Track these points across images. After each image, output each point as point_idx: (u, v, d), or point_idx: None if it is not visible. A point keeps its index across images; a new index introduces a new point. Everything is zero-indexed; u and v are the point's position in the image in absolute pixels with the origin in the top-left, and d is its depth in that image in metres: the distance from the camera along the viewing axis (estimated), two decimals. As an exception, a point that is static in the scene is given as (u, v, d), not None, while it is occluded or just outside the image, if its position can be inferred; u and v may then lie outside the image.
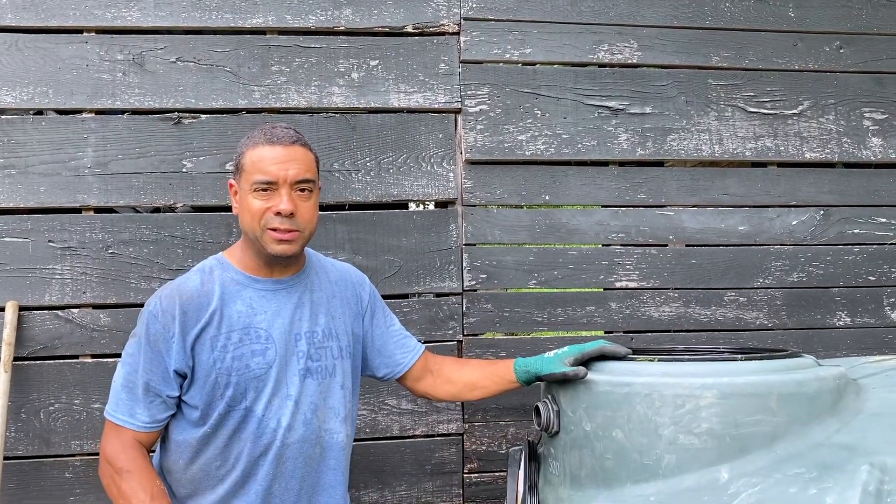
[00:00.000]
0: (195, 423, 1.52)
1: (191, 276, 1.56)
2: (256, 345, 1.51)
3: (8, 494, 2.08)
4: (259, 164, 1.49)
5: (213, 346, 1.49)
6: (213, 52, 2.23)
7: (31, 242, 2.13)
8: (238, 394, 1.49)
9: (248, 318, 1.52)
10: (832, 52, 2.52)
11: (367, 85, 2.29)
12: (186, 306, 1.49)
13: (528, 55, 2.36)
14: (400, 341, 1.76)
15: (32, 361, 2.12)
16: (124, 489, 1.43)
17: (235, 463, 1.52)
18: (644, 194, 2.41)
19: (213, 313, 1.50)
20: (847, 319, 2.47)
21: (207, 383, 1.49)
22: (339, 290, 1.69)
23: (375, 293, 1.79)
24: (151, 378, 1.48)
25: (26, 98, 2.15)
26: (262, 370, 1.51)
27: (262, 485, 1.52)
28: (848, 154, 2.49)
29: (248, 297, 1.54)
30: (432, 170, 2.31)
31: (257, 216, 1.49)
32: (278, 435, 1.52)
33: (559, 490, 1.48)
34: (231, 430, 1.51)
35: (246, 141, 1.55)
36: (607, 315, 2.37)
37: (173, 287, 1.54)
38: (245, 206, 1.51)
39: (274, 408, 1.52)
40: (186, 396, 1.51)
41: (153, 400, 1.48)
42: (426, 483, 2.27)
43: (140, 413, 1.48)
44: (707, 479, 1.26)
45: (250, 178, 1.50)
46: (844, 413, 1.34)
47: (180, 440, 1.54)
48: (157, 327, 1.49)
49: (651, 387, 1.32)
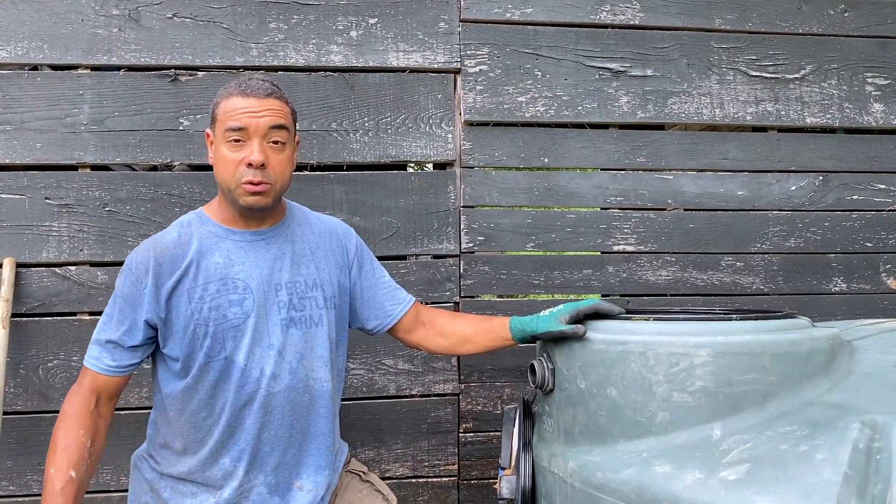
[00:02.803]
0: (178, 375, 1.54)
1: (169, 231, 1.58)
2: (234, 295, 1.52)
3: (7, 449, 2.10)
4: (232, 113, 1.49)
5: (191, 298, 1.51)
6: (210, 8, 2.20)
7: (28, 199, 2.12)
8: (216, 343, 1.51)
9: (226, 270, 1.53)
10: (837, 15, 2.49)
11: (365, 43, 2.27)
12: (161, 258, 1.51)
13: (528, 15, 2.33)
14: (389, 293, 1.77)
15: (31, 318, 2.13)
16: (54, 433, 1.49)
17: (221, 413, 1.53)
18: (644, 158, 2.40)
19: (188, 265, 1.52)
20: (843, 285, 2.48)
21: (186, 334, 1.51)
22: (324, 242, 1.69)
23: (363, 245, 1.78)
24: (119, 327, 1.51)
25: (21, 53, 2.12)
26: (239, 320, 1.52)
27: (250, 434, 1.54)
28: (849, 119, 2.48)
29: (226, 249, 1.55)
30: (431, 131, 2.29)
31: (231, 168, 1.49)
32: (262, 384, 1.53)
33: (553, 446, 1.49)
34: (213, 381, 1.53)
35: (222, 91, 1.55)
36: (604, 278, 2.38)
37: (150, 241, 1.56)
38: (219, 157, 1.52)
39: (256, 357, 1.53)
40: (167, 349, 1.53)
41: (115, 347, 1.52)
42: (422, 442, 2.30)
43: (105, 357, 1.52)
44: (700, 436, 1.28)
45: (223, 127, 1.50)
46: (837, 373, 1.35)
47: (168, 393, 1.56)
48: (130, 279, 1.52)
49: (646, 345, 1.33)
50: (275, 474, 1.57)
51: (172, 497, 1.56)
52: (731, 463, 1.18)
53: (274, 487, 1.58)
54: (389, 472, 2.29)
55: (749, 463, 1.16)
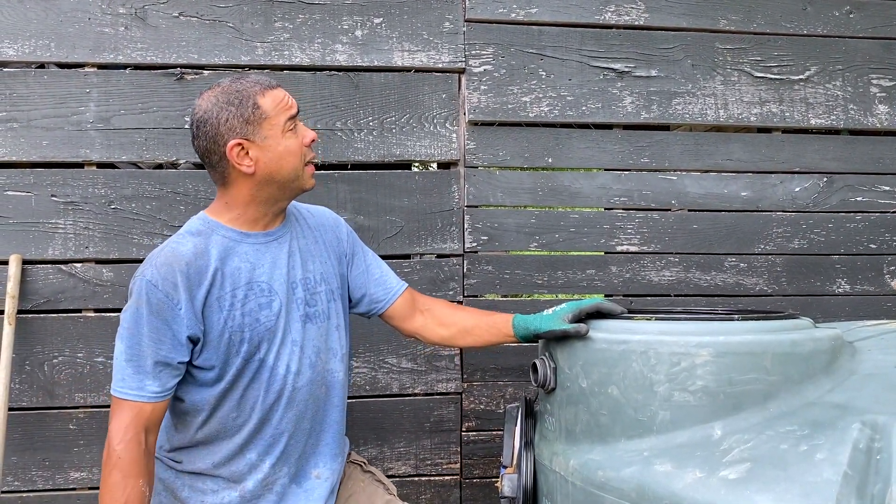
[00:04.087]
0: (211, 383, 1.52)
1: (181, 241, 1.50)
2: (262, 298, 1.53)
3: (13, 445, 2.12)
4: (281, 104, 1.50)
5: (221, 307, 1.48)
6: (216, 7, 2.21)
7: (35, 196, 2.13)
8: (253, 348, 1.51)
9: (249, 274, 1.53)
10: (842, 16, 2.48)
11: (370, 43, 2.27)
12: (186, 271, 1.45)
13: (533, 15, 2.34)
14: (380, 279, 1.77)
15: (36, 315, 2.14)
16: (109, 481, 1.38)
17: (251, 412, 1.54)
18: (647, 158, 2.40)
19: (214, 274, 1.48)
20: (846, 287, 2.48)
21: (222, 343, 1.49)
22: (321, 234, 1.70)
23: (352, 232, 1.80)
24: (160, 347, 1.43)
25: (28, 51, 2.14)
26: (271, 322, 1.53)
27: (277, 428, 1.56)
28: (854, 121, 2.48)
29: (244, 253, 1.54)
30: (435, 130, 2.30)
31: (299, 153, 1.53)
32: (288, 380, 1.55)
33: (554, 445, 1.50)
34: (246, 383, 1.53)
35: (244, 95, 1.47)
36: (607, 279, 2.38)
37: (166, 254, 1.47)
38: (284, 151, 1.50)
39: (283, 356, 1.54)
40: (199, 360, 1.49)
41: (162, 369, 1.43)
42: (425, 440, 2.31)
43: (150, 384, 1.42)
44: (700, 435, 1.28)
45: (280, 120, 1.49)
46: (838, 373, 1.36)
47: (196, 400, 1.52)
48: (158, 296, 1.43)
49: (647, 344, 1.34)
50: (296, 465, 1.60)
51: (192, 496, 1.55)
52: (731, 462, 1.18)
53: (294, 477, 1.60)
54: (392, 471, 2.29)
55: (749, 462, 1.16)
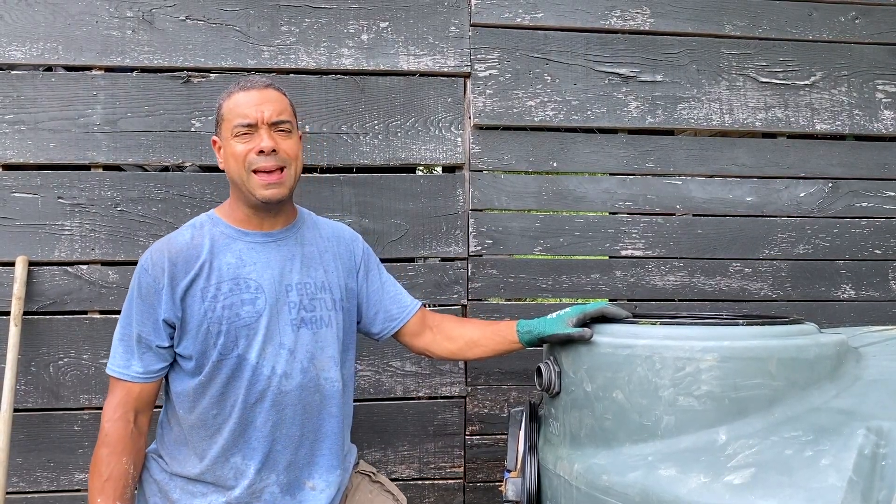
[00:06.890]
0: (191, 373, 1.56)
1: (181, 231, 1.61)
2: (246, 294, 1.55)
3: (18, 445, 2.12)
4: (236, 108, 1.54)
5: (204, 297, 1.53)
6: (223, 11, 2.22)
7: (41, 198, 2.14)
8: (229, 341, 1.53)
9: (238, 270, 1.56)
10: (847, 22, 2.48)
11: (376, 47, 2.28)
12: (175, 258, 1.54)
13: (539, 19, 2.34)
14: (395, 297, 1.78)
15: (42, 316, 2.15)
16: (97, 455, 1.52)
17: (231, 411, 1.55)
18: (652, 163, 2.40)
19: (202, 265, 1.54)
20: (851, 292, 2.48)
21: (200, 333, 1.53)
22: (332, 245, 1.71)
23: (369, 250, 1.81)
24: (143, 329, 1.53)
25: (36, 54, 2.15)
26: (251, 318, 1.54)
27: (262, 431, 1.56)
28: (859, 126, 2.47)
29: (238, 250, 1.58)
30: (440, 134, 2.31)
31: (241, 159, 1.53)
32: (273, 382, 1.55)
33: (559, 449, 1.50)
34: (225, 378, 1.54)
35: (223, 95, 1.60)
36: (612, 283, 2.38)
37: (163, 241, 1.58)
38: (229, 153, 1.55)
39: (268, 356, 1.55)
40: (180, 348, 1.55)
41: (145, 351, 1.54)
42: (428, 444, 2.31)
43: (134, 364, 1.54)
44: (705, 440, 1.28)
45: (230, 125, 1.54)
46: (843, 379, 1.35)
47: (179, 391, 1.58)
48: (147, 280, 1.54)
49: (652, 349, 1.34)
50: (287, 473, 1.59)
51: (182, 498, 1.57)
52: (735, 467, 1.18)
53: (286, 487, 1.59)
54: (396, 474, 2.29)
55: (754, 467, 1.16)
